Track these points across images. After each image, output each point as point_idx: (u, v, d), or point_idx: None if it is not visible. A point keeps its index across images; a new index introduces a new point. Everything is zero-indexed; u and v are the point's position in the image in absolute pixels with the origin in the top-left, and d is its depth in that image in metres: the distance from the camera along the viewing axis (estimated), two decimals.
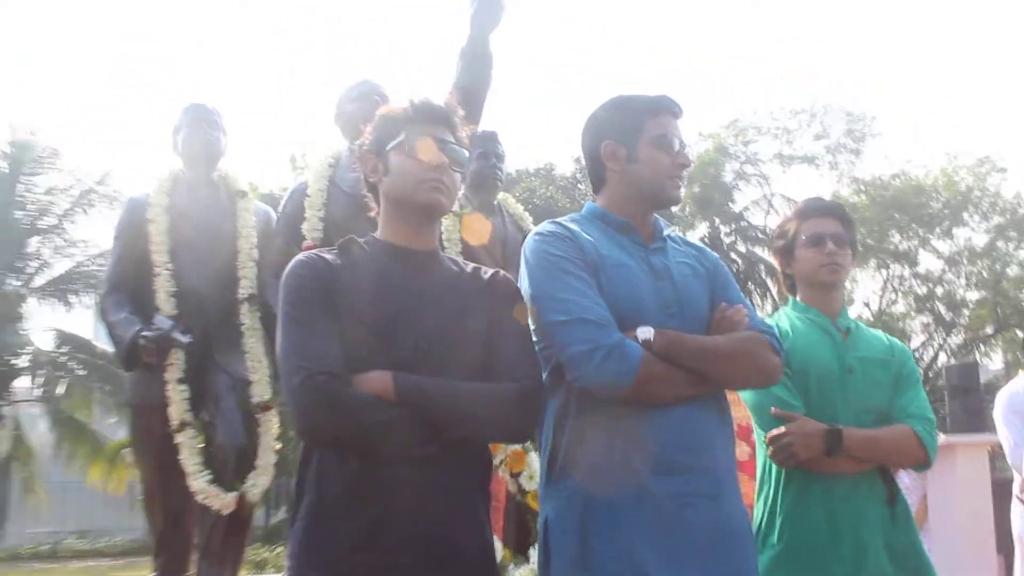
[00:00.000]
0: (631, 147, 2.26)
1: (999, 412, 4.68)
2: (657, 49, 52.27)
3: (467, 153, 2.16)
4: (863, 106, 32.73)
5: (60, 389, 17.28)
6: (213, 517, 3.71)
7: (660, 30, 51.99)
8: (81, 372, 17.30)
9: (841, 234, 2.72)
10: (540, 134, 49.20)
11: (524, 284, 2.16)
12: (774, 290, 22.69)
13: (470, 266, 2.20)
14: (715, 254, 2.43)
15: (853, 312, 25.42)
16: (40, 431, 18.13)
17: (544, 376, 2.17)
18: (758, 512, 2.64)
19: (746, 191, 25.38)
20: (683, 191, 2.29)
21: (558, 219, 2.29)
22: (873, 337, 2.76)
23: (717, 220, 24.87)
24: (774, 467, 2.60)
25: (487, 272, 2.18)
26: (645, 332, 2.05)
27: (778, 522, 2.54)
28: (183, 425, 3.70)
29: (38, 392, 17.63)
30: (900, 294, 25.54)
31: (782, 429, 2.49)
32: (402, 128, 2.09)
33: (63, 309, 17.54)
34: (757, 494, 2.68)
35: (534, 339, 2.18)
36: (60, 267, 17.73)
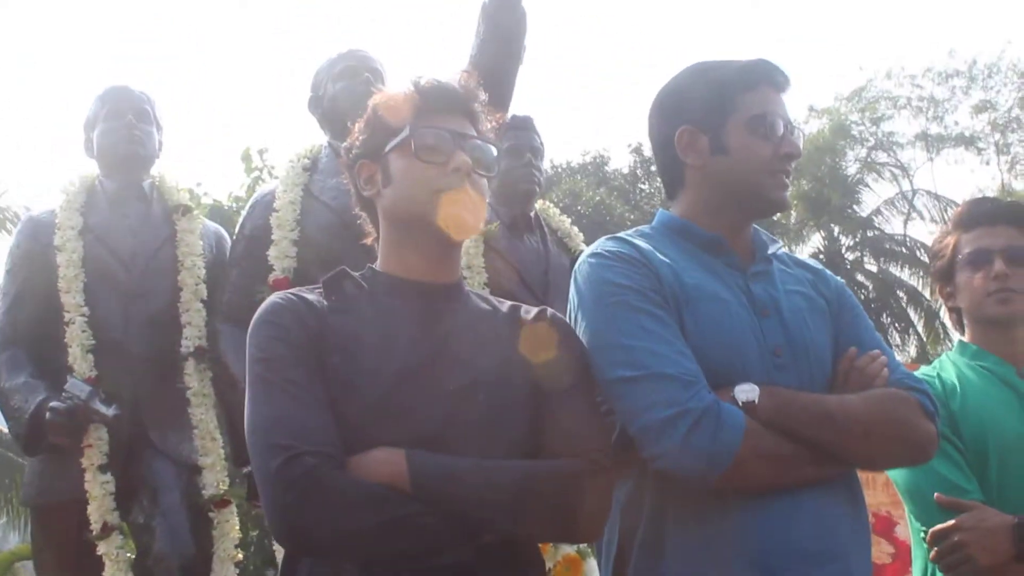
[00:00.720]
0: (717, 133, 2.27)
1: None
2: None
3: (495, 151, 2.18)
4: None
5: None
6: None
7: None
8: None
9: (1017, 249, 2.72)
10: (588, 119, 49.36)
11: (577, 326, 2.18)
12: (920, 324, 22.54)
13: (505, 304, 2.22)
14: (839, 279, 2.44)
15: None
16: None
17: None
18: None
19: (877, 188, 25.33)
20: (789, 190, 2.31)
21: (621, 234, 2.31)
22: None
23: (836, 229, 24.81)
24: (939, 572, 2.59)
25: (529, 311, 2.19)
26: (747, 391, 2.06)
27: None
28: (107, 529, 3.71)
29: None
30: None
31: (952, 523, 2.49)
32: (406, 121, 2.10)
33: None
34: None
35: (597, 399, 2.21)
36: None
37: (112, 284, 3.93)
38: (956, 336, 2.91)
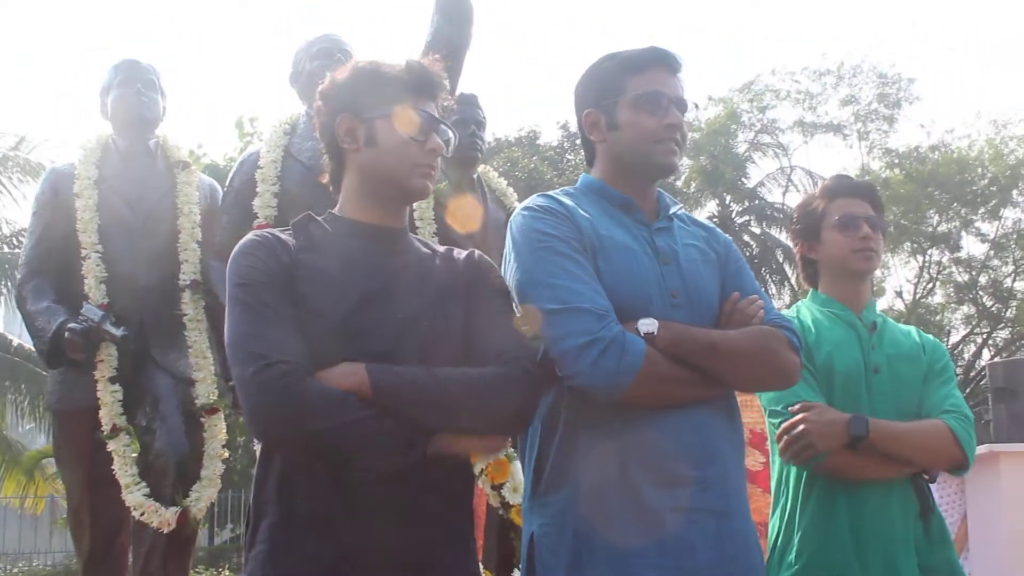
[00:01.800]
0: (611, 113, 2.27)
1: None
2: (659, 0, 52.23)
3: (451, 133, 2.16)
4: (898, 67, 32.88)
5: None
6: (151, 536, 3.73)
7: None
8: None
9: (874, 218, 2.77)
10: (522, 97, 49.15)
11: (510, 268, 2.16)
12: (793, 278, 22.83)
13: (441, 248, 2.22)
14: (727, 236, 2.44)
15: (884, 303, 25.73)
16: None
17: None
18: (773, 527, 2.67)
19: (762, 164, 25.54)
20: (678, 156, 2.28)
21: (550, 192, 2.30)
22: (902, 333, 2.81)
23: (728, 197, 24.98)
24: (792, 476, 2.64)
25: (461, 253, 2.19)
26: (648, 324, 2.06)
27: (796, 538, 2.57)
28: (116, 431, 3.71)
29: None
30: (938, 283, 25.74)
31: (798, 417, 2.52)
32: (395, 97, 2.06)
33: None
34: (772, 507, 2.72)
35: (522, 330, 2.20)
36: None
37: (122, 226, 3.92)
38: (806, 286, 2.95)
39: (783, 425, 2.55)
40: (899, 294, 25.90)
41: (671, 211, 2.33)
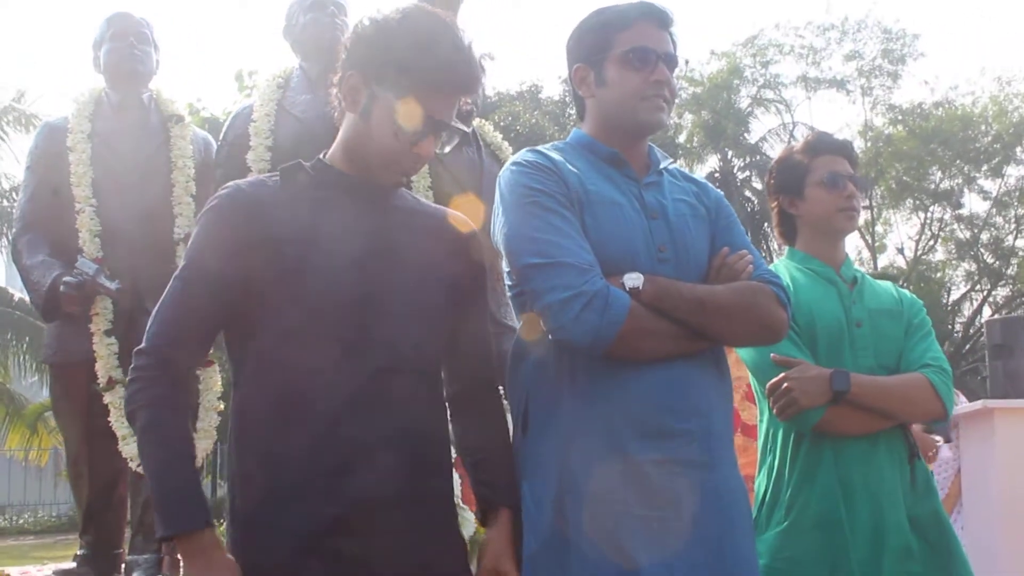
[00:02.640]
0: (599, 69, 2.25)
1: None
2: None
3: (461, 127, 2.11)
4: (902, 23, 32.61)
5: None
6: (148, 487, 3.75)
7: None
8: None
9: (856, 177, 2.79)
10: (524, 51, 48.78)
11: (498, 222, 2.17)
12: None
13: (432, 207, 2.22)
14: (718, 191, 2.43)
15: (884, 260, 25.73)
16: None
17: (518, 326, 2.22)
18: (761, 484, 2.70)
19: (764, 119, 25.45)
20: (666, 113, 2.26)
21: (539, 147, 2.30)
22: (881, 288, 2.83)
23: (730, 152, 24.91)
24: (780, 433, 2.66)
25: (449, 214, 2.20)
26: (633, 279, 2.06)
27: (785, 495, 2.60)
28: (112, 383, 3.71)
29: None
30: (940, 239, 25.74)
31: (782, 375, 2.55)
32: (415, 92, 1.95)
33: None
34: (759, 464, 2.74)
35: (508, 283, 2.21)
36: None
37: (116, 180, 3.89)
38: (780, 242, 2.96)
39: (769, 384, 2.58)
40: (900, 251, 25.93)
41: (661, 166, 2.32)
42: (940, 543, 2.60)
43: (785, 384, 2.53)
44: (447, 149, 2.14)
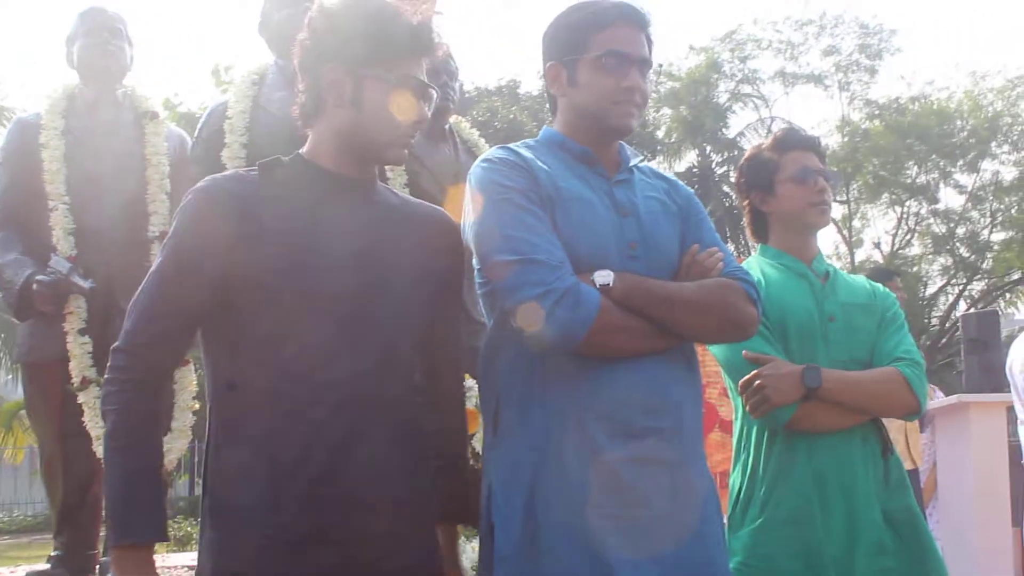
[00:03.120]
0: (572, 69, 2.25)
1: (1015, 367, 4.81)
2: None
3: (436, 94, 2.10)
4: (880, 18, 32.78)
5: None
6: None
7: None
8: None
9: (826, 171, 2.80)
10: (502, 46, 48.74)
11: (469, 218, 2.17)
12: None
13: (413, 200, 2.22)
14: (689, 189, 2.44)
15: (861, 254, 25.86)
16: None
17: (489, 324, 2.22)
18: (735, 482, 2.71)
19: (742, 115, 25.56)
20: (636, 118, 2.26)
21: (510, 144, 2.29)
22: (854, 282, 2.85)
23: (708, 147, 25.02)
24: (753, 431, 2.67)
25: (430, 210, 2.20)
26: (604, 276, 2.07)
27: (759, 492, 2.61)
28: (86, 382, 3.69)
29: None
30: (916, 234, 25.92)
31: (755, 372, 2.55)
32: (394, 59, 1.97)
33: None
34: (734, 461, 2.75)
35: (478, 280, 2.21)
36: None
37: (89, 177, 3.86)
38: (752, 240, 2.97)
39: (742, 381, 2.58)
40: (877, 245, 26.08)
41: (631, 163, 2.33)
42: (913, 538, 2.62)
43: (757, 381, 2.53)
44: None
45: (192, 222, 1.95)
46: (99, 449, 3.64)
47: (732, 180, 24.58)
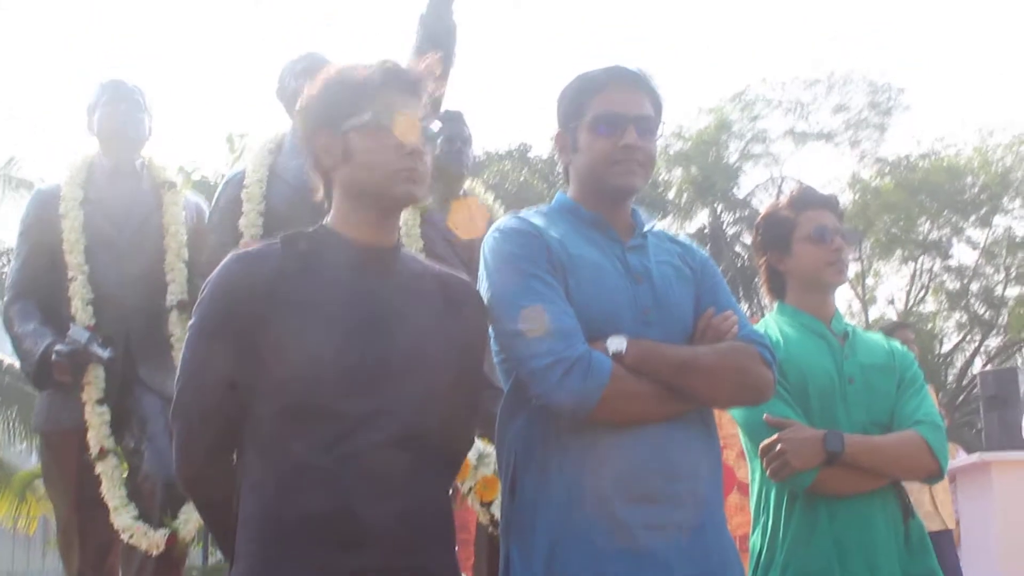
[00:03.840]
0: (574, 135, 2.29)
1: None
2: (650, 11, 52.39)
3: (439, 129, 2.15)
4: (889, 76, 32.96)
5: None
6: (140, 558, 3.71)
7: None
8: None
9: (843, 230, 2.79)
10: (513, 111, 49.23)
11: (483, 288, 2.19)
12: None
13: (435, 266, 2.21)
14: (704, 252, 2.45)
15: (875, 312, 25.75)
16: None
17: (506, 391, 2.23)
18: (755, 544, 2.69)
19: (752, 174, 25.58)
20: (639, 176, 2.27)
21: (522, 212, 2.32)
22: (872, 342, 2.84)
23: (719, 207, 25.03)
24: (773, 493, 2.66)
25: (449, 275, 2.19)
26: (617, 343, 2.08)
27: (780, 555, 2.59)
28: (104, 452, 3.70)
29: None
30: (930, 290, 25.80)
31: (775, 436, 2.55)
32: (367, 102, 1.98)
33: None
34: (753, 524, 2.73)
35: (494, 348, 2.22)
36: None
37: (108, 246, 3.90)
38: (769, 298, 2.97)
39: (762, 445, 2.58)
40: (891, 302, 25.98)
41: (645, 228, 2.34)
42: None
43: (778, 446, 2.52)
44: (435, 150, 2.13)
45: (218, 300, 1.98)
46: (116, 520, 3.65)
47: (744, 240, 24.64)
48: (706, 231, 24.55)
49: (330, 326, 1.94)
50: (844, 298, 25.53)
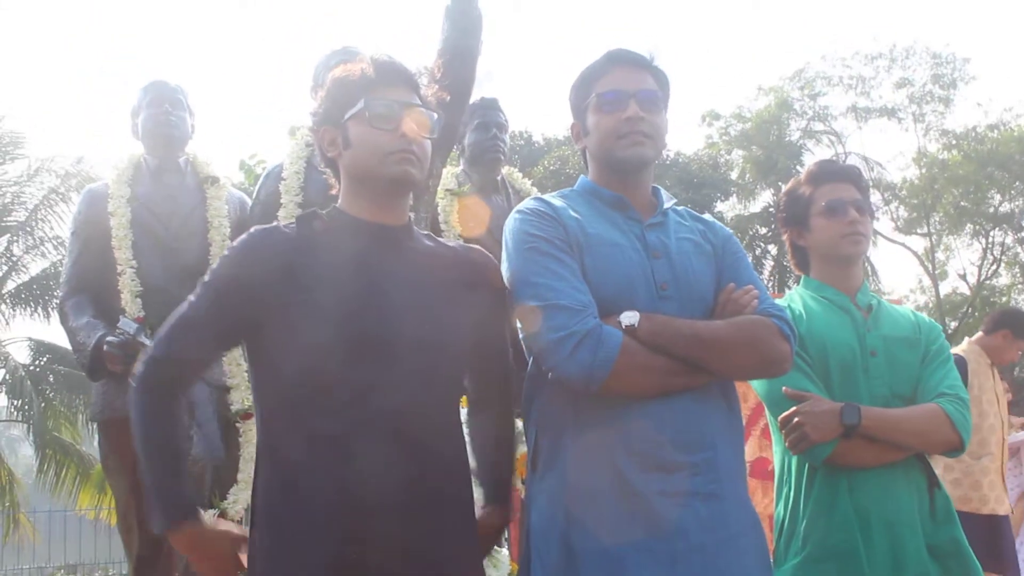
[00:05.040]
0: (583, 120, 2.38)
1: None
2: None
3: (436, 116, 2.22)
4: (952, 47, 32.25)
5: (41, 406, 17.51)
6: None
7: None
8: (62, 386, 17.53)
9: (860, 201, 2.78)
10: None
11: (504, 267, 2.26)
12: None
13: (452, 242, 2.32)
14: (727, 229, 2.48)
15: (947, 287, 25.28)
16: (22, 455, 18.39)
17: (529, 365, 2.29)
18: (778, 516, 2.71)
19: (816, 152, 25.27)
20: (647, 147, 2.33)
21: (544, 195, 2.39)
22: (898, 314, 2.82)
23: (783, 186, 24.72)
24: (794, 465, 2.67)
25: (466, 249, 2.29)
26: (630, 317, 2.13)
27: (801, 527, 2.60)
28: None
29: (15, 411, 17.90)
30: (1003, 264, 25.25)
31: (793, 409, 2.56)
32: (360, 93, 2.13)
33: (40, 315, 17.72)
34: (776, 496, 2.75)
35: (519, 326, 2.28)
36: (35, 268, 17.88)
37: (155, 242, 4.01)
38: (796, 272, 2.97)
39: (781, 417, 2.59)
40: (963, 276, 25.46)
41: (666, 206, 2.38)
42: (960, 571, 2.59)
43: (796, 419, 2.54)
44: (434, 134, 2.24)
45: (231, 265, 2.11)
46: None
47: None
48: (771, 210, 24.29)
49: (339, 298, 2.03)
50: (914, 273, 25.09)
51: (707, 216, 2.52)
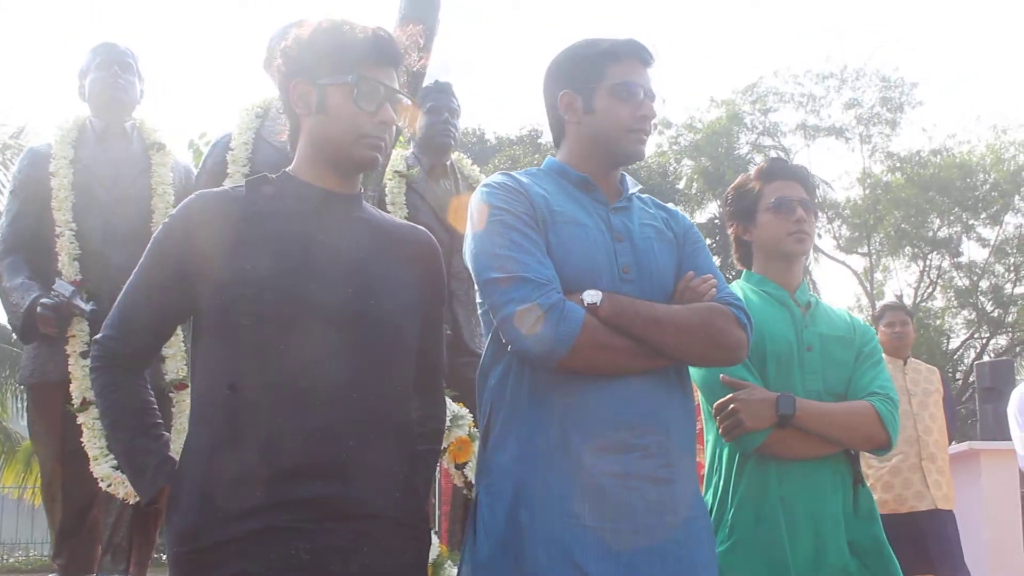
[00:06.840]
0: (589, 97, 2.33)
1: (1012, 411, 4.80)
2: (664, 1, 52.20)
3: (408, 103, 2.21)
4: (902, 71, 32.85)
5: None
6: (118, 507, 3.80)
7: None
8: None
9: (808, 200, 2.82)
10: (524, 97, 49.14)
11: (468, 240, 2.24)
12: None
13: (399, 221, 2.30)
14: (688, 219, 2.50)
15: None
16: None
17: (487, 340, 2.28)
18: (707, 503, 2.71)
19: None
20: (645, 146, 2.36)
21: (512, 171, 2.38)
22: (834, 314, 2.87)
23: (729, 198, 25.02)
24: (725, 453, 2.70)
25: (413, 228, 2.28)
26: (592, 295, 2.12)
27: (729, 515, 2.63)
28: (86, 403, 3.76)
29: None
30: (939, 287, 25.73)
31: (729, 396, 2.58)
32: (352, 66, 2.06)
33: None
34: (706, 483, 2.77)
35: (477, 300, 2.28)
36: None
37: (96, 205, 3.96)
38: (739, 266, 2.99)
39: (716, 404, 2.62)
40: (899, 298, 25.89)
41: (631, 192, 2.39)
42: (880, 567, 2.64)
43: (732, 405, 2.56)
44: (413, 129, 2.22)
45: (173, 230, 2.08)
46: (96, 469, 3.71)
47: None
48: (716, 221, 24.54)
49: (282, 262, 2.00)
50: (853, 291, 25.51)
51: (670, 205, 2.53)
